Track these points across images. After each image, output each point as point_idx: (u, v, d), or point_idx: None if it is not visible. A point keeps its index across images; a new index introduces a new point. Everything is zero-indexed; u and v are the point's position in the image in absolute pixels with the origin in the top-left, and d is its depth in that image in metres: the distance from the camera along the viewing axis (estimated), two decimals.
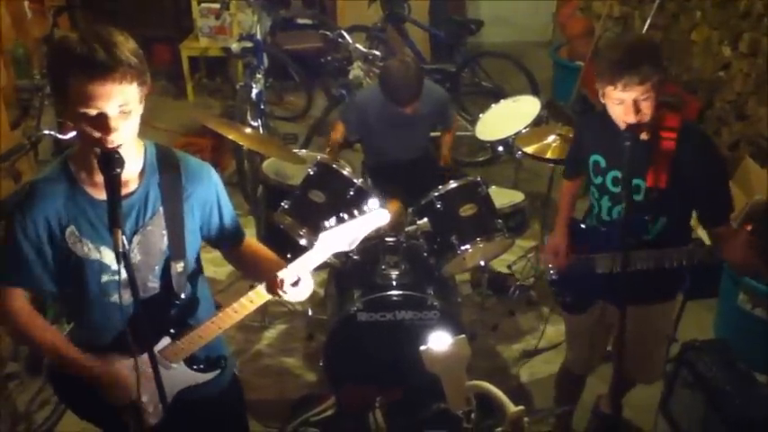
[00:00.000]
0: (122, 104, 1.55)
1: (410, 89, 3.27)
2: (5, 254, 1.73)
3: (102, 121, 1.54)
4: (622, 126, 2.08)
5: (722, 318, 3.50)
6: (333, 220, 1.74)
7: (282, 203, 2.98)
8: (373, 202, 1.77)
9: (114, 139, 1.56)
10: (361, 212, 1.75)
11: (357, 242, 1.78)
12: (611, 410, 2.95)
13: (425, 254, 3.02)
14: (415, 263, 3.02)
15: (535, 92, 5.29)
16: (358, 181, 2.95)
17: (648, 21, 4.79)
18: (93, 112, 1.53)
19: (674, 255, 2.18)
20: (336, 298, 3.14)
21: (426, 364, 1.60)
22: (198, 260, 1.93)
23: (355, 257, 3.10)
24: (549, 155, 3.36)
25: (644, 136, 2.14)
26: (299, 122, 5.66)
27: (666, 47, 5.10)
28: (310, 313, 3.54)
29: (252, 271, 1.96)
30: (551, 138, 3.36)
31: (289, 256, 1.83)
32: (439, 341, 1.60)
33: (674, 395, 2.97)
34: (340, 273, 3.19)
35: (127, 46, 1.54)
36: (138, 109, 1.60)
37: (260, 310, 3.59)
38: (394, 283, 2.95)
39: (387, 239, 3.02)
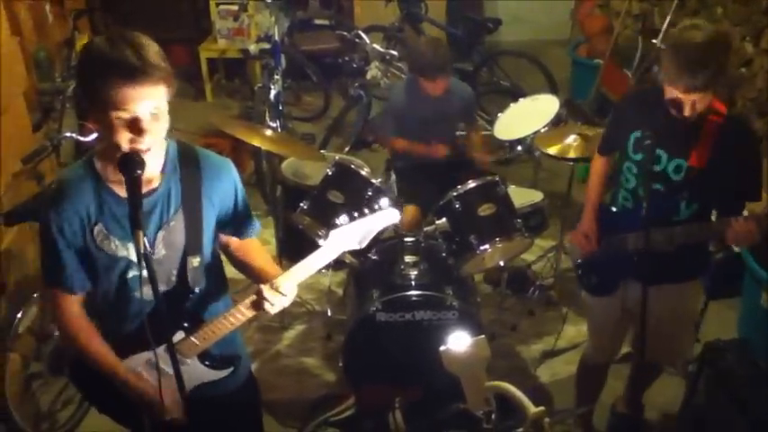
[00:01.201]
0: (154, 107, 1.58)
1: (439, 60, 3.31)
2: (50, 258, 1.75)
3: (135, 125, 1.57)
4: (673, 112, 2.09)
5: (745, 317, 3.45)
6: (345, 218, 1.74)
7: (301, 204, 2.99)
8: (384, 201, 1.77)
9: (147, 142, 1.60)
10: (373, 211, 1.75)
11: (367, 240, 1.78)
12: (630, 409, 2.93)
13: (444, 254, 3.01)
14: (435, 263, 3.02)
15: (554, 90, 5.25)
16: (376, 181, 2.95)
17: (668, 18, 4.74)
18: (126, 115, 1.56)
19: (702, 229, 2.21)
20: (355, 298, 3.15)
21: (446, 365, 1.60)
22: (216, 255, 1.95)
23: (374, 257, 3.11)
24: (571, 154, 3.32)
25: (691, 118, 2.11)
26: (317, 123, 5.68)
27: None
28: (329, 313, 3.55)
29: (248, 273, 1.97)
30: (572, 138, 3.32)
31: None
32: (458, 341, 1.59)
33: (696, 395, 2.93)
34: (359, 273, 3.19)
35: (153, 49, 1.58)
36: (166, 111, 1.63)
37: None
38: (413, 283, 2.95)
39: (406, 239, 3.02)
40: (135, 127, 1.57)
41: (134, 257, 1.76)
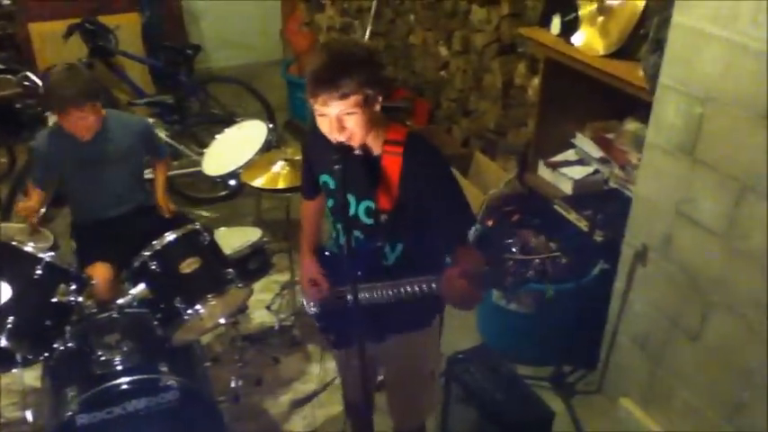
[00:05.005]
0: None
1: (67, 88, 2.74)
2: None
3: None
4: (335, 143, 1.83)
5: (483, 317, 3.48)
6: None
7: None
8: None
9: None
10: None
11: None
12: None
13: (152, 324, 2.55)
14: (140, 338, 2.53)
15: (269, 114, 5.02)
16: (46, 255, 2.39)
17: (369, 29, 4.76)
18: None
19: (410, 284, 1.91)
20: (51, 401, 2.54)
21: None
22: None
23: (67, 345, 2.53)
24: (280, 184, 3.04)
25: (357, 152, 1.88)
26: (5, 184, 4.78)
27: (390, 52, 5.12)
28: (30, 419, 2.86)
29: None
30: (279, 165, 3.06)
31: None
32: None
33: (449, 413, 2.84)
34: (50, 368, 2.59)
35: None
36: None
37: None
38: (118, 368, 2.44)
39: (97, 317, 2.50)
40: None
41: None
